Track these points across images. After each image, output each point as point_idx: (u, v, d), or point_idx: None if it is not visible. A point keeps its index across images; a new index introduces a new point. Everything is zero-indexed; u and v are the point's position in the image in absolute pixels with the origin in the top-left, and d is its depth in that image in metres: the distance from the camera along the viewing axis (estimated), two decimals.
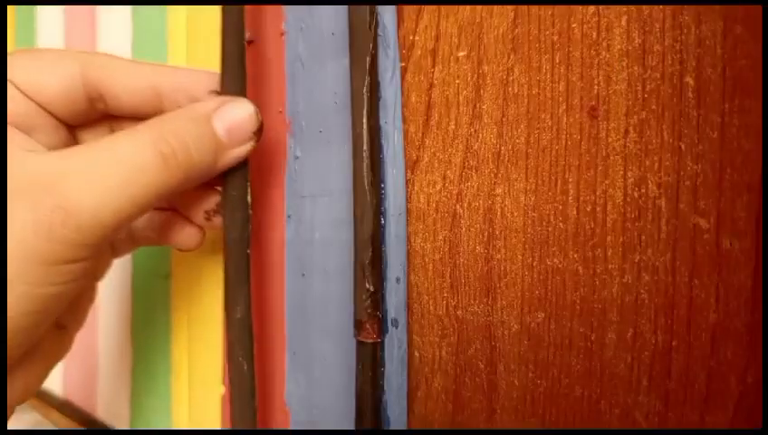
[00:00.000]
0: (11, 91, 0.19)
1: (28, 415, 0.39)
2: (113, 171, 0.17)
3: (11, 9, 0.42)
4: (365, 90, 0.19)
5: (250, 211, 0.21)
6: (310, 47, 0.22)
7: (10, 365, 0.18)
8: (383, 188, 0.20)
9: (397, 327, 0.20)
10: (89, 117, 0.21)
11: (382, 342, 0.20)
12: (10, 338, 0.17)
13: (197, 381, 0.29)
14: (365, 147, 0.19)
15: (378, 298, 0.20)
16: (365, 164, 0.19)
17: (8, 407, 0.20)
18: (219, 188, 0.22)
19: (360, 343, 0.20)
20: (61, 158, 0.17)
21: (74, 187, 0.16)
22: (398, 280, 0.20)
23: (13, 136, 0.18)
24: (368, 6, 0.19)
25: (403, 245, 0.20)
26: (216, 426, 0.28)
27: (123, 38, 0.33)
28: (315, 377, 0.23)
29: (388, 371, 0.20)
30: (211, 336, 0.28)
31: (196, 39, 0.28)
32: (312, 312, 0.23)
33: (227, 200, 0.21)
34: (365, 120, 0.19)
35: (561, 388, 0.17)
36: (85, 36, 0.36)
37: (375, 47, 0.19)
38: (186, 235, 0.24)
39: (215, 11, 0.27)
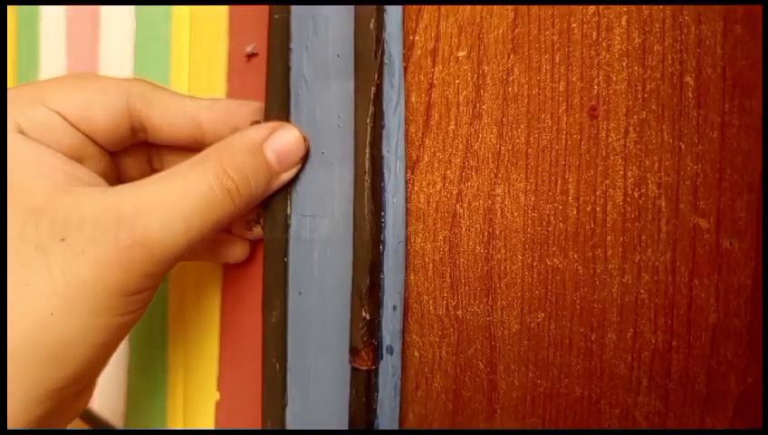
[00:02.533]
0: (61, 123, 0.20)
1: None
2: (185, 206, 0.18)
3: (13, 9, 0.42)
4: (369, 119, 0.19)
5: (289, 222, 0.23)
6: (314, 67, 0.22)
7: (81, 390, 0.19)
8: (383, 217, 0.20)
9: (392, 354, 0.20)
10: (129, 144, 0.22)
11: (376, 369, 0.20)
12: (89, 368, 0.18)
13: (193, 386, 0.29)
14: (367, 176, 0.19)
15: (374, 326, 0.20)
16: (366, 194, 0.19)
17: (65, 423, 0.21)
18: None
19: (354, 370, 0.20)
20: (133, 193, 0.18)
21: (150, 222, 0.17)
22: (394, 308, 0.20)
23: (76, 171, 0.19)
24: (374, 34, 0.19)
25: (401, 273, 0.20)
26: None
27: (126, 40, 0.33)
28: (310, 395, 0.23)
29: (381, 396, 0.20)
30: (207, 343, 0.28)
31: (199, 42, 0.28)
32: (308, 330, 0.23)
33: (268, 212, 0.23)
34: (368, 150, 0.19)
35: (561, 388, 0.17)
36: (86, 38, 0.36)
37: (380, 77, 0.19)
38: (235, 248, 0.25)
39: (219, 11, 0.27)
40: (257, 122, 0.23)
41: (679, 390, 0.15)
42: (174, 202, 0.18)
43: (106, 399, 0.34)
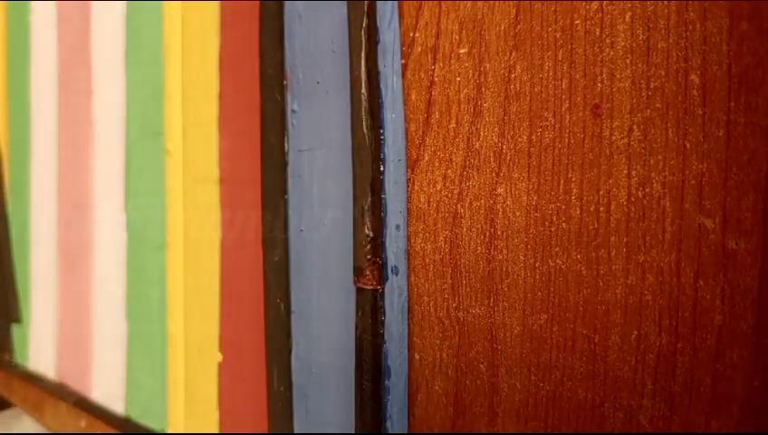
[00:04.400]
0: None
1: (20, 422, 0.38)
2: None
3: (2, 5, 0.41)
4: (363, 33, 0.19)
5: (287, 159, 0.23)
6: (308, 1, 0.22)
7: None
8: (382, 133, 0.20)
9: (397, 275, 0.20)
10: None
11: (382, 290, 0.20)
12: None
13: (194, 350, 0.29)
14: (363, 90, 0.19)
15: (377, 244, 0.20)
16: (363, 108, 0.19)
17: None
18: None
19: (359, 290, 0.20)
20: None
21: None
22: (397, 227, 0.20)
23: None
24: None
25: (403, 191, 0.20)
26: (213, 395, 0.28)
27: (117, 39, 0.32)
28: (314, 334, 0.23)
29: (388, 319, 0.20)
30: (207, 305, 0.28)
31: (191, 36, 0.28)
32: (310, 267, 0.23)
33: (266, 149, 0.23)
34: (363, 63, 0.19)
35: (564, 391, 0.17)
36: (77, 33, 0.35)
37: None
38: None
39: (211, 7, 0.27)
40: None
41: (684, 393, 0.15)
42: None
43: (105, 385, 0.34)
